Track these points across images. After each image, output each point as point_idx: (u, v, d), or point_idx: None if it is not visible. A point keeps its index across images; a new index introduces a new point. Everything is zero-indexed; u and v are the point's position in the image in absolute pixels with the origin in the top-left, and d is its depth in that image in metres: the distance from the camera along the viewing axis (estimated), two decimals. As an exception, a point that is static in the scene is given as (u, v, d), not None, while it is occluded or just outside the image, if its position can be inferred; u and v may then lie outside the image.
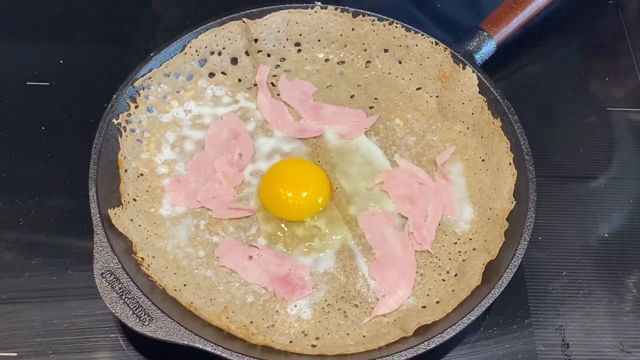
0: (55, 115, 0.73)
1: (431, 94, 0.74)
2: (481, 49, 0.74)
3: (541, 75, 0.83)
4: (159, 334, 0.54)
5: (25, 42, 0.79)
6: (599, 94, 0.81)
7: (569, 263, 0.68)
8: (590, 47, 0.86)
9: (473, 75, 0.71)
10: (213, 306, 0.60)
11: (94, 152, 0.62)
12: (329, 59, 0.76)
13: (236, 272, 0.62)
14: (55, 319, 0.61)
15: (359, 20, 0.74)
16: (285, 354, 0.57)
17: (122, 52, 0.79)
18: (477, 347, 0.62)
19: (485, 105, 0.70)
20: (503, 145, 0.67)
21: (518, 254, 0.60)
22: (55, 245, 0.65)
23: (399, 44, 0.74)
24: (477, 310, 0.57)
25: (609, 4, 0.89)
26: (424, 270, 0.64)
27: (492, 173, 0.68)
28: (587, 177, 0.74)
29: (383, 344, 0.57)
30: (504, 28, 0.75)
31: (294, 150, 0.70)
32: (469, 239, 0.65)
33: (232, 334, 0.57)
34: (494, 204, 0.66)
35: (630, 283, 0.67)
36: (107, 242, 0.58)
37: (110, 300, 0.55)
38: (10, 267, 0.63)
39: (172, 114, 0.70)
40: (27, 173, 0.69)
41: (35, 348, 0.59)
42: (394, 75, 0.76)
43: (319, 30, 0.75)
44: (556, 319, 0.64)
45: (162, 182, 0.66)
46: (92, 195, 0.60)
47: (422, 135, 0.72)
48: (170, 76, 0.70)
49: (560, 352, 0.62)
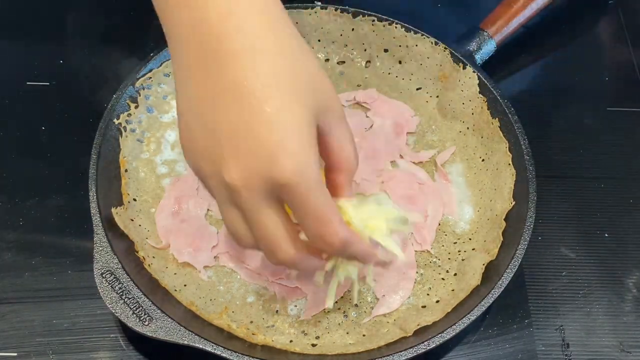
0: (55, 115, 0.73)
1: (431, 94, 0.74)
2: (481, 49, 0.74)
3: (541, 75, 0.83)
4: (159, 334, 0.54)
5: (25, 42, 0.79)
6: (599, 94, 0.81)
7: (569, 263, 0.68)
8: (590, 47, 0.86)
9: (473, 75, 0.71)
10: (213, 306, 0.60)
11: (94, 152, 0.63)
12: (329, 59, 0.76)
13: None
14: (55, 319, 0.61)
15: (359, 20, 0.74)
16: (285, 353, 0.57)
17: (122, 52, 0.79)
18: (477, 347, 0.62)
19: (485, 105, 0.70)
20: (503, 146, 0.67)
21: (518, 254, 0.60)
22: (55, 245, 0.65)
23: (399, 44, 0.74)
24: (477, 310, 0.57)
25: (609, 4, 0.89)
26: (424, 270, 0.64)
27: (492, 173, 0.68)
28: (587, 177, 0.74)
29: (383, 343, 0.57)
30: (504, 28, 0.75)
31: (294, 150, 0.70)
32: (468, 239, 0.65)
33: (232, 334, 0.57)
34: (494, 204, 0.66)
35: (630, 283, 0.67)
36: (107, 242, 0.58)
37: (110, 300, 0.55)
38: (10, 267, 0.63)
39: (172, 114, 0.70)
40: (27, 173, 0.69)
41: (35, 348, 0.59)
42: (394, 75, 0.76)
43: (319, 30, 0.75)
44: (556, 319, 0.64)
45: (162, 182, 0.66)
46: (92, 195, 0.60)
47: (422, 135, 0.72)
48: (170, 76, 0.70)
49: (560, 352, 0.62)
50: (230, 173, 0.45)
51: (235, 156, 0.44)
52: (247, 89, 0.44)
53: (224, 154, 0.45)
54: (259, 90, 0.44)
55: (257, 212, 0.46)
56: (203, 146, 0.46)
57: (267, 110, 0.44)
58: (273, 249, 0.47)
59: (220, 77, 0.45)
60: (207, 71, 0.45)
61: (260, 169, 0.44)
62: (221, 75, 0.45)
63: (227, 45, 0.45)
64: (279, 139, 0.44)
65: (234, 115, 0.44)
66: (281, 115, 0.44)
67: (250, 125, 0.44)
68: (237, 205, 0.46)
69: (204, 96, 0.45)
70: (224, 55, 0.45)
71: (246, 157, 0.44)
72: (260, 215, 0.46)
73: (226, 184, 0.45)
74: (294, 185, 0.44)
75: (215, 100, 0.45)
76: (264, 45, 0.45)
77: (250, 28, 0.45)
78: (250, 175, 0.44)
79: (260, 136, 0.44)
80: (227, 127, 0.45)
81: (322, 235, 0.46)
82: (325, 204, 0.46)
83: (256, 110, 0.44)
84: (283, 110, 0.44)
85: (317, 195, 0.45)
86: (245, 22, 0.45)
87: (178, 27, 0.47)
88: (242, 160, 0.44)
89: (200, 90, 0.46)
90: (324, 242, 0.47)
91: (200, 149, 0.46)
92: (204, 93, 0.46)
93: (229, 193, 0.46)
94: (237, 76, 0.44)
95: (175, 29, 0.47)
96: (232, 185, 0.45)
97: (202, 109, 0.46)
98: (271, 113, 0.44)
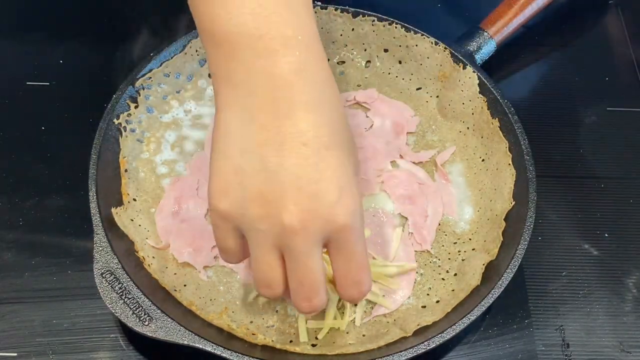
0: (55, 115, 0.73)
1: (431, 94, 0.74)
2: (481, 49, 0.74)
3: (541, 75, 0.83)
4: (159, 334, 0.54)
5: (25, 42, 0.79)
6: (599, 94, 0.81)
7: (569, 263, 0.68)
8: (590, 47, 0.86)
9: (473, 75, 0.71)
10: (213, 306, 0.60)
11: (93, 152, 0.62)
12: (329, 59, 0.76)
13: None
14: (55, 319, 0.61)
15: (359, 20, 0.74)
16: (285, 353, 0.57)
17: (122, 52, 0.79)
18: (477, 347, 0.62)
19: (485, 105, 0.70)
20: (503, 146, 0.67)
21: (518, 254, 0.60)
22: (55, 245, 0.65)
23: (399, 44, 0.74)
24: (477, 310, 0.57)
25: (609, 4, 0.89)
26: (424, 270, 0.64)
27: (492, 173, 0.68)
28: (587, 177, 0.74)
29: (383, 343, 0.57)
30: (504, 28, 0.75)
31: (294, 150, 0.70)
32: (468, 239, 0.65)
33: (232, 334, 0.57)
34: (494, 204, 0.66)
35: (630, 283, 0.67)
36: (107, 242, 0.58)
37: (110, 300, 0.55)
38: (10, 267, 0.63)
39: (172, 114, 0.70)
40: (27, 173, 0.69)
41: (35, 348, 0.59)
42: (394, 75, 0.76)
43: (319, 30, 0.75)
44: (556, 319, 0.64)
45: (162, 182, 0.66)
46: (92, 195, 0.60)
47: (422, 135, 0.72)
48: (170, 76, 0.70)
49: (560, 352, 0.62)
50: (292, 215, 0.46)
51: (298, 199, 0.46)
52: (314, 136, 0.47)
53: (285, 197, 0.46)
54: (324, 138, 0.47)
55: (308, 255, 0.48)
56: (259, 189, 0.47)
57: (330, 157, 0.47)
58: (311, 295, 0.49)
59: (288, 124, 0.47)
60: (275, 117, 0.47)
61: (322, 211, 0.46)
62: (290, 122, 0.47)
63: (297, 97, 0.47)
64: (343, 184, 0.47)
65: (301, 159, 0.46)
66: (343, 162, 0.48)
67: (315, 170, 0.46)
68: (285, 248, 0.48)
69: (270, 140, 0.47)
70: (293, 106, 0.47)
71: (309, 199, 0.46)
72: (310, 259, 0.48)
73: (283, 225, 0.46)
74: (350, 227, 0.47)
75: (282, 145, 0.46)
76: (327, 99, 0.49)
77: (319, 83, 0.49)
78: (311, 218, 0.46)
79: (324, 179, 0.46)
80: (292, 171, 0.46)
81: (359, 282, 0.50)
82: (366, 251, 0.50)
83: (321, 154, 0.47)
84: (343, 158, 0.48)
85: (363, 241, 0.49)
86: (315, 76, 0.48)
87: (245, 73, 0.48)
88: (304, 203, 0.46)
89: (264, 135, 0.47)
90: (360, 288, 0.50)
91: (255, 192, 0.47)
92: (269, 137, 0.47)
93: (282, 235, 0.47)
94: (306, 124, 0.47)
95: (241, 75, 0.48)
96: (290, 226, 0.46)
97: (265, 152, 0.47)
98: (333, 159, 0.47)
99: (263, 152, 0.47)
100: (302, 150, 0.46)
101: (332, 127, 0.48)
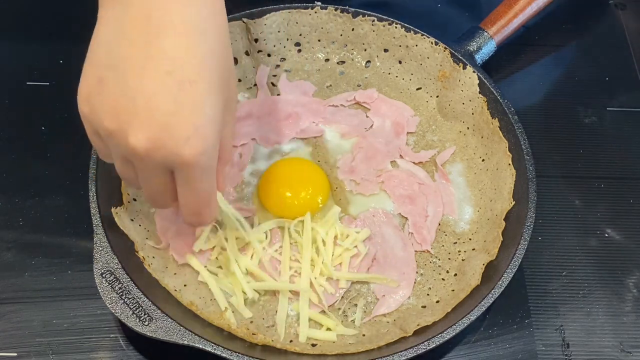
0: (55, 115, 0.73)
1: (431, 94, 0.74)
2: (481, 49, 0.74)
3: (541, 75, 0.83)
4: (159, 334, 0.54)
5: (25, 42, 0.79)
6: (599, 94, 0.81)
7: (569, 263, 0.68)
8: (590, 47, 0.86)
9: (473, 75, 0.71)
10: (213, 306, 0.60)
11: (93, 152, 0.62)
12: (329, 59, 0.76)
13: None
14: (55, 319, 0.61)
15: (359, 20, 0.74)
16: (285, 353, 0.57)
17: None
18: (477, 347, 0.62)
19: (485, 105, 0.70)
20: (503, 146, 0.67)
21: (518, 254, 0.60)
22: (55, 245, 0.65)
23: (398, 44, 0.74)
24: (477, 310, 0.57)
25: (609, 4, 0.89)
26: (424, 270, 0.64)
27: (492, 173, 0.68)
28: (587, 177, 0.74)
29: (383, 343, 0.57)
30: (504, 28, 0.75)
31: (293, 150, 0.70)
32: (468, 239, 0.65)
33: (232, 334, 0.57)
34: (494, 204, 0.66)
35: (630, 283, 0.67)
36: (107, 242, 0.58)
37: (110, 300, 0.55)
38: (10, 267, 0.63)
39: (172, 114, 0.70)
40: (27, 173, 0.69)
41: (35, 348, 0.59)
42: (394, 75, 0.76)
43: (319, 30, 0.75)
44: (556, 319, 0.64)
45: (162, 182, 0.66)
46: (92, 195, 0.60)
47: (422, 135, 0.72)
48: (170, 76, 0.70)
49: (560, 352, 0.62)
50: (138, 138, 0.46)
51: (148, 124, 0.46)
52: (180, 65, 0.45)
53: (136, 119, 0.46)
54: (191, 70, 0.46)
55: (148, 178, 0.49)
56: (114, 103, 0.46)
57: (193, 92, 0.46)
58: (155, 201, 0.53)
59: (157, 45, 0.46)
60: (146, 36, 0.46)
61: (170, 145, 0.46)
62: (159, 44, 0.45)
63: (173, 17, 0.46)
64: (199, 123, 0.46)
65: (161, 86, 0.45)
66: (204, 100, 0.46)
67: (173, 102, 0.45)
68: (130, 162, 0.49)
69: (135, 58, 0.46)
70: (166, 26, 0.46)
71: (159, 129, 0.45)
72: (151, 180, 0.50)
73: (128, 145, 0.46)
74: (195, 166, 0.47)
75: (145, 66, 0.45)
76: (206, 28, 0.47)
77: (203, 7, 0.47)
78: (155, 147, 0.46)
79: (179, 114, 0.45)
80: (150, 95, 0.45)
81: (198, 214, 0.52)
82: (212, 188, 0.51)
83: (184, 88, 0.45)
84: (207, 96, 0.46)
85: (209, 179, 0.50)
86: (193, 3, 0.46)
87: None
88: (152, 131, 0.46)
89: (131, 52, 0.46)
90: (199, 219, 0.53)
91: (110, 105, 0.46)
92: (135, 55, 0.46)
93: (127, 154, 0.47)
94: (175, 50, 0.46)
95: None
96: (134, 149, 0.46)
97: (129, 70, 0.46)
98: (195, 96, 0.46)
99: (126, 68, 0.46)
100: (164, 79, 0.45)
101: (205, 57, 0.46)
